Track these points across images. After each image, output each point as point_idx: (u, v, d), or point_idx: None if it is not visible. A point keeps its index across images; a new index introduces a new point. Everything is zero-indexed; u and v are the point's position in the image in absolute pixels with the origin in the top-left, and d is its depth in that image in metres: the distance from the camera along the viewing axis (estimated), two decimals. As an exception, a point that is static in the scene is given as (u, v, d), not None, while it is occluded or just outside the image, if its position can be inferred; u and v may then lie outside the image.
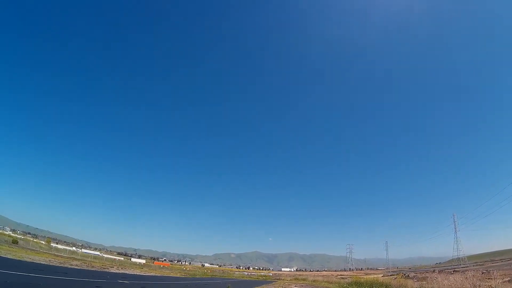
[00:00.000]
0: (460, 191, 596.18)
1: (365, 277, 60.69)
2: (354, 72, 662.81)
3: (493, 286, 26.68)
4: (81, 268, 37.66)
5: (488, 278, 32.79)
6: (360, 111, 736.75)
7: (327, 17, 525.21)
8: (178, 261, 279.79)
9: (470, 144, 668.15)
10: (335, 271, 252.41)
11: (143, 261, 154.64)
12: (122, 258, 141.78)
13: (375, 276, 77.88)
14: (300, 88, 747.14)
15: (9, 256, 34.34)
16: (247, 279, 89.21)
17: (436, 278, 35.73)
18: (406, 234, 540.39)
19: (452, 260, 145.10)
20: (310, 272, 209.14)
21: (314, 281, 70.14)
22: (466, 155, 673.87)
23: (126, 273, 42.20)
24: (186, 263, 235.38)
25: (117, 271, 44.30)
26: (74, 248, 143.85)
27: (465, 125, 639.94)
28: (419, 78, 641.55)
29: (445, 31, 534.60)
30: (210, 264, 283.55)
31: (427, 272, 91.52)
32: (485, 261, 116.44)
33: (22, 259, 33.80)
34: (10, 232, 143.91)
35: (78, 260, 57.97)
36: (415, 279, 48.69)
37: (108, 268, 46.45)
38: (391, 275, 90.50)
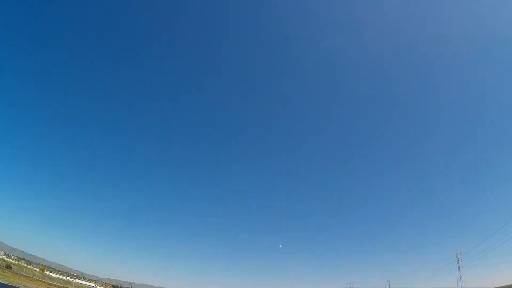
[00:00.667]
0: (462, 226, 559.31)
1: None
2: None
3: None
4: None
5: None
6: (360, 148, 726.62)
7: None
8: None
9: (473, 176, 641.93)
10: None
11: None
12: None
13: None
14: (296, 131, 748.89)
15: (1, 281, 30.63)
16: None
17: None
18: (408, 271, 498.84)
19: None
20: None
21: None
22: (468, 188, 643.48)
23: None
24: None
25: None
26: (68, 278, 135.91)
27: (466, 158, 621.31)
28: (418, 109, 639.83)
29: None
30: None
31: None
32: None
33: (14, 285, 30.02)
34: (4, 257, 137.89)
35: (74, 290, 52.83)
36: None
37: (106, 302, 41.53)
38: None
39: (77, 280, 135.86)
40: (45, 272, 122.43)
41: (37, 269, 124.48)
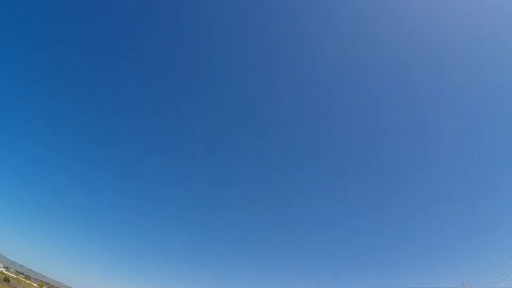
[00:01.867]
0: (470, 256, 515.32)
1: None
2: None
3: None
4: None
5: None
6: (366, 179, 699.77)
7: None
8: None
9: (484, 204, 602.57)
10: None
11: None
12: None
13: None
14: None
15: (-2, 295, 24.40)
16: None
17: None
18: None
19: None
20: None
21: None
22: (476, 217, 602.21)
23: None
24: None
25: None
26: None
27: (476, 184, 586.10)
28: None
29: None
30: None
31: None
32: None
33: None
34: (3, 269, 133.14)
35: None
36: None
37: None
38: None
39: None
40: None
41: (35, 285, 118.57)
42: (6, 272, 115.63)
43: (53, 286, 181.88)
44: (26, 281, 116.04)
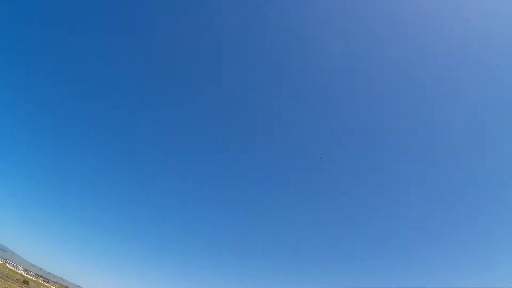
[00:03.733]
0: (489, 265, 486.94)
1: None
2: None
3: None
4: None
5: None
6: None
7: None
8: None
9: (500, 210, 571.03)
10: None
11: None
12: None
13: None
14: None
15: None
16: None
17: None
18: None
19: None
20: None
21: None
22: (497, 224, 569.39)
23: None
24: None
25: None
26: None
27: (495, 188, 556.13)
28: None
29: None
30: None
31: None
32: None
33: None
34: (23, 272, 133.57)
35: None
36: None
37: None
38: None
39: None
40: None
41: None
42: (26, 275, 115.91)
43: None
44: (45, 284, 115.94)
